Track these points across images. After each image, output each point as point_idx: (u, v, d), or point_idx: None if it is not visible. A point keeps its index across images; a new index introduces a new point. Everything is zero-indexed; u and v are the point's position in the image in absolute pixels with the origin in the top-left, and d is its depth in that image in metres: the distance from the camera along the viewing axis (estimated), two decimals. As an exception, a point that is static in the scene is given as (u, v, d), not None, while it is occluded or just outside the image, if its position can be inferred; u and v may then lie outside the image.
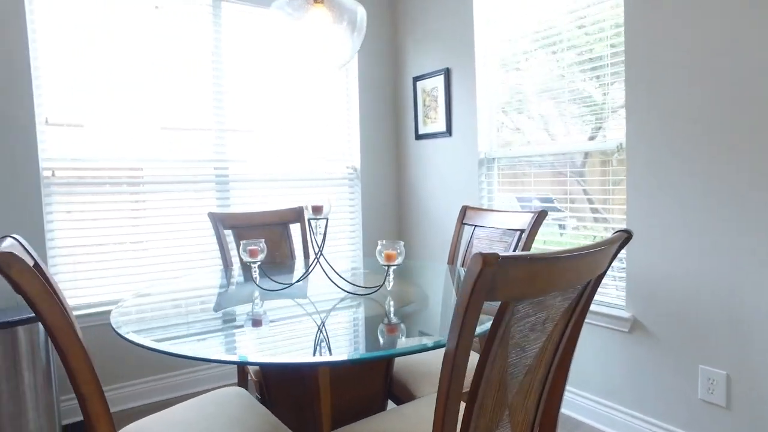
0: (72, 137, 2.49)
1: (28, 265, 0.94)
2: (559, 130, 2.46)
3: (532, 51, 2.53)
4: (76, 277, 2.50)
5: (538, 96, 2.52)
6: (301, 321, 1.36)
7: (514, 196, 2.73)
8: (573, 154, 2.40)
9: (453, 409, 0.90)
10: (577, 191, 2.42)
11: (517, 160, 2.67)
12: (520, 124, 2.65)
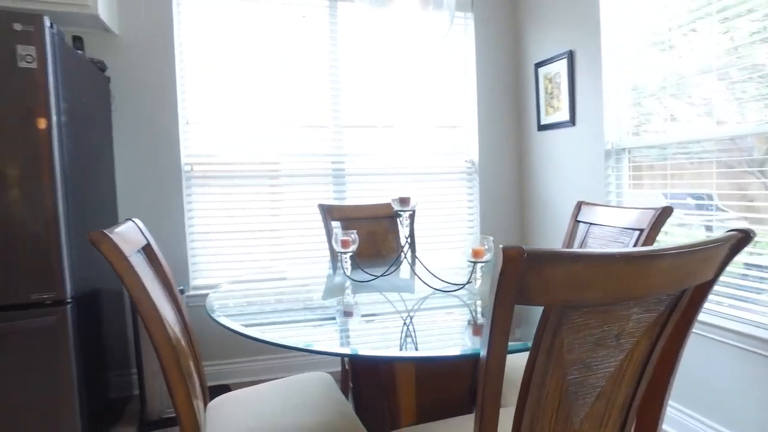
0: (207, 136, 2.80)
1: (116, 244, 1.07)
2: (728, 114, 2.05)
3: (688, 24, 2.15)
4: (209, 259, 2.81)
5: (700, 76, 2.13)
6: (385, 314, 1.35)
7: (659, 192, 2.38)
8: (745, 139, 1.98)
9: (490, 422, 0.81)
10: (753, 187, 2.02)
11: (657, 150, 2.32)
12: (671, 109, 2.29)
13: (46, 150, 1.83)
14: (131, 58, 2.63)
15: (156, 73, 2.66)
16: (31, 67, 1.77)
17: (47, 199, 1.84)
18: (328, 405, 1.44)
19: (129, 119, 2.64)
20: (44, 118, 1.82)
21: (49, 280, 1.86)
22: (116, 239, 1.09)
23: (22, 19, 1.76)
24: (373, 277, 1.77)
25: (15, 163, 1.81)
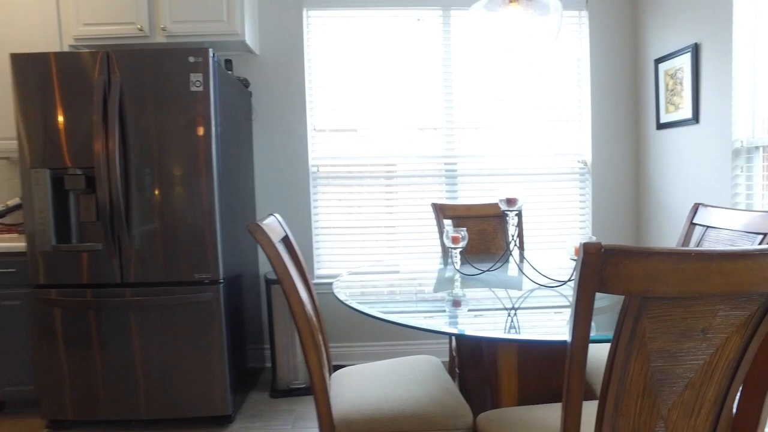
0: (334, 139, 3.11)
1: (267, 233, 1.34)
2: None
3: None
4: (334, 252, 3.13)
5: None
6: (491, 304, 1.49)
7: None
8: None
9: (575, 403, 0.92)
10: None
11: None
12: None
13: (208, 154, 2.23)
14: (269, 75, 3.03)
15: (289, 87, 3.03)
16: (198, 90, 2.18)
17: (208, 194, 2.24)
18: (436, 383, 1.61)
19: (266, 127, 3.04)
20: (207, 129, 2.22)
21: (207, 263, 2.26)
22: (266, 230, 1.36)
23: (194, 53, 2.16)
24: (481, 271, 1.91)
25: (184, 165, 2.23)
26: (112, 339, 2.31)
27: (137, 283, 2.28)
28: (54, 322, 2.32)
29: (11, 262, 2.46)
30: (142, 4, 2.65)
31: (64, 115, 2.25)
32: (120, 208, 2.21)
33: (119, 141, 2.20)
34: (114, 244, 2.25)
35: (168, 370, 2.33)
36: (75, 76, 2.24)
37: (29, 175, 2.26)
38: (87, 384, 2.34)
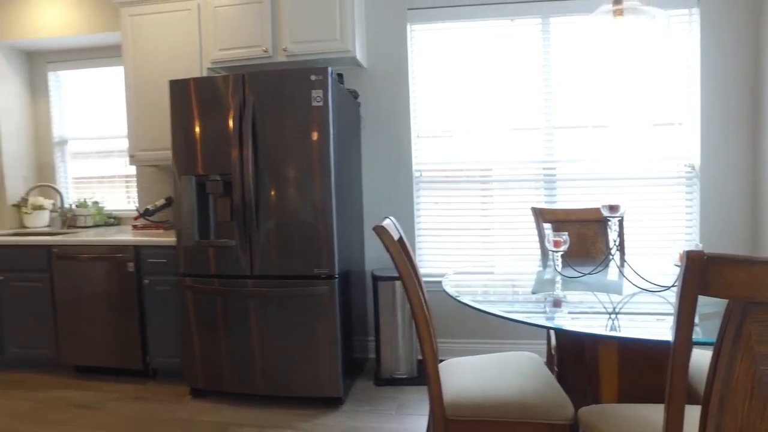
0: (435, 145, 3.29)
1: (391, 235, 1.54)
2: None
3: None
4: (434, 252, 3.31)
5: None
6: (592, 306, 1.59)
7: None
8: None
9: (677, 404, 1.01)
10: None
11: None
12: None
13: (327, 161, 2.50)
14: (375, 86, 3.27)
15: (394, 96, 3.25)
16: (319, 105, 2.45)
17: (326, 196, 2.51)
18: (538, 377, 1.72)
19: (373, 135, 3.29)
20: (325, 138, 2.49)
21: (324, 259, 2.53)
22: (389, 231, 1.56)
23: (315, 72, 2.44)
24: (582, 274, 1.99)
25: (306, 170, 2.52)
26: (240, 323, 2.66)
27: (264, 275, 2.61)
28: (195, 306, 2.72)
29: (163, 254, 2.91)
30: (267, 29, 3.00)
31: (207, 130, 2.63)
32: (252, 209, 2.55)
33: (252, 151, 2.54)
34: (245, 241, 2.60)
35: (286, 354, 2.63)
36: (216, 96, 2.61)
37: (180, 181, 2.67)
38: (217, 360, 2.71)
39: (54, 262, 3.11)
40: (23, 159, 4.08)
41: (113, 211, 3.96)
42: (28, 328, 3.23)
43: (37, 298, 3.19)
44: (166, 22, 3.18)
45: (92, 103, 4.03)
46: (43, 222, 3.90)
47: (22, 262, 3.19)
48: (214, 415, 2.63)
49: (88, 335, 3.11)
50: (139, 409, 2.72)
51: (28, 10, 3.84)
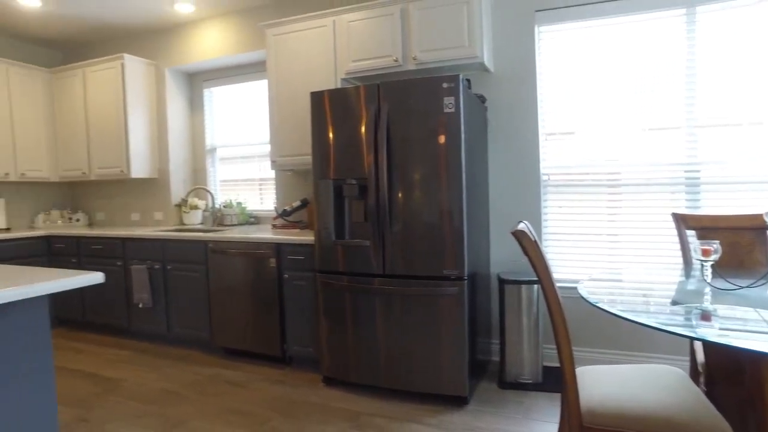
0: (563, 148, 3.21)
1: (531, 239, 1.56)
2: None
3: None
4: (560, 257, 3.23)
5: None
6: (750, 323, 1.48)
7: None
8: None
9: None
10: None
11: None
12: None
13: (458, 166, 2.57)
14: (502, 90, 3.27)
15: (520, 100, 3.23)
16: (451, 111, 2.53)
17: (457, 200, 2.58)
18: (685, 393, 1.64)
19: (499, 139, 3.30)
20: (456, 144, 2.56)
21: (454, 261, 2.60)
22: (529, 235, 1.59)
23: (447, 80, 2.53)
24: (738, 287, 1.84)
25: (437, 175, 2.61)
26: (369, 319, 2.83)
27: (394, 274, 2.75)
28: (331, 300, 2.94)
29: (301, 252, 3.19)
30: (397, 39, 3.15)
31: (343, 137, 2.84)
32: (385, 211, 2.70)
33: (386, 156, 2.69)
34: (378, 241, 2.76)
35: (410, 350, 2.74)
36: (352, 105, 2.80)
37: (318, 185, 2.91)
38: (346, 352, 2.91)
39: (209, 255, 3.55)
40: (184, 165, 4.68)
41: (253, 211, 4.39)
42: (188, 311, 3.72)
43: (195, 286, 3.66)
44: (304, 39, 3.47)
45: (236, 113, 4.51)
46: (197, 220, 4.44)
47: (184, 254, 3.68)
48: (346, 402, 2.83)
49: (236, 322, 3.49)
50: (279, 391, 3.01)
51: (190, 40, 4.41)
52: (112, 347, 3.97)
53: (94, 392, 3.08)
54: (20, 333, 1.77)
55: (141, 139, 4.45)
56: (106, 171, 4.49)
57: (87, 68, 4.53)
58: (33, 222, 4.91)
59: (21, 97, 4.53)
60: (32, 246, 4.32)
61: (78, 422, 2.68)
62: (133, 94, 4.37)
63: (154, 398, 2.96)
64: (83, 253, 4.25)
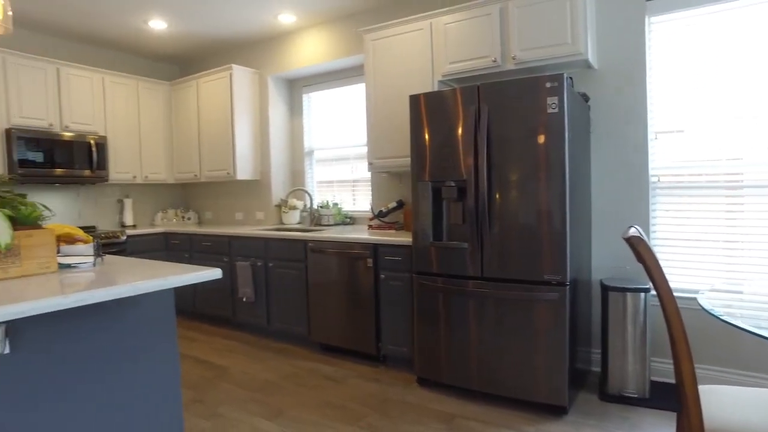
0: (674, 148, 2.99)
1: (647, 246, 1.48)
2: None
3: None
4: (670, 264, 3.01)
5: None
6: None
7: None
8: None
9: None
10: None
11: None
12: None
13: (561, 168, 2.49)
14: (607, 87, 3.11)
15: (627, 95, 3.06)
16: (554, 111, 2.46)
17: (560, 203, 2.50)
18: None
19: (603, 139, 3.14)
20: (560, 145, 2.48)
21: (556, 265, 2.52)
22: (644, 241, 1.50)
23: (551, 80, 2.46)
24: None
25: (539, 177, 2.54)
26: (465, 321, 2.81)
27: (493, 278, 2.72)
28: (427, 302, 2.97)
29: (398, 252, 3.24)
30: (495, 39, 3.10)
31: (441, 139, 2.85)
32: (485, 214, 2.68)
33: (486, 158, 2.67)
34: (477, 244, 2.74)
35: (505, 355, 2.69)
36: (451, 107, 2.81)
37: (416, 186, 2.95)
38: (442, 353, 2.91)
39: (309, 254, 3.72)
40: (283, 167, 4.94)
41: (349, 211, 4.53)
42: (287, 307, 3.92)
43: (295, 284, 3.85)
44: (401, 42, 3.53)
45: (332, 117, 4.68)
46: (296, 219, 4.67)
47: (285, 252, 3.89)
48: (440, 404, 2.83)
49: (332, 318, 3.63)
50: (374, 389, 3.08)
51: (291, 48, 4.65)
52: (220, 337, 4.29)
53: (206, 377, 3.35)
54: (153, 320, 1.97)
55: (245, 144, 4.76)
56: (214, 173, 4.86)
57: (200, 79, 4.93)
58: (153, 220, 5.43)
59: (146, 109, 5.02)
60: (153, 241, 4.78)
61: (194, 403, 2.93)
62: (239, 101, 4.69)
63: (258, 387, 3.16)
64: (194, 249, 4.62)
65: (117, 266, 2.05)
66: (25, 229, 1.83)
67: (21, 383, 1.59)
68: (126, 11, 4.08)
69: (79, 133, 4.43)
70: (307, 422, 2.66)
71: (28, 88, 4.16)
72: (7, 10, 1.82)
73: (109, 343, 1.82)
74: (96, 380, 1.79)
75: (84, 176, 4.44)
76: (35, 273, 1.84)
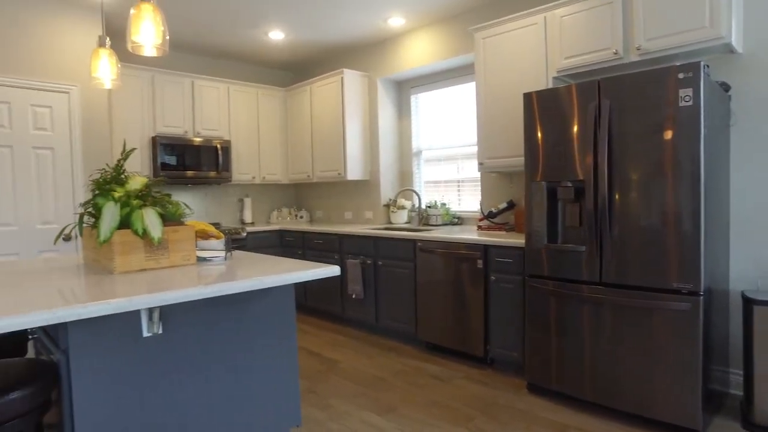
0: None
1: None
2: None
3: None
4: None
5: None
6: None
7: None
8: None
9: None
10: None
11: None
12: None
13: (695, 167, 2.27)
14: (753, 74, 2.77)
15: (778, 85, 2.70)
16: (687, 104, 2.24)
17: (692, 204, 2.28)
18: None
19: (746, 132, 2.80)
20: (695, 141, 2.26)
21: (687, 273, 2.30)
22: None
23: (684, 69, 2.24)
24: None
25: (669, 177, 2.34)
26: (580, 328, 2.66)
27: (612, 283, 2.54)
28: (539, 306, 2.86)
29: (509, 254, 3.16)
30: (617, 29, 2.90)
31: (557, 137, 2.73)
32: (605, 216, 2.52)
33: (606, 156, 2.50)
34: (596, 247, 2.58)
35: (626, 367, 2.50)
36: (567, 104, 2.67)
37: (530, 187, 2.85)
38: (556, 360, 2.77)
39: (418, 253, 3.75)
40: (392, 167, 5.04)
41: (457, 211, 4.50)
42: (395, 305, 3.99)
43: (403, 282, 3.91)
44: (513, 39, 3.43)
45: (440, 117, 4.67)
46: (403, 219, 4.73)
47: (394, 251, 3.96)
48: (552, 413, 2.71)
49: (440, 318, 3.63)
50: (481, 391, 3.03)
51: (399, 51, 4.73)
52: (330, 331, 4.48)
53: (318, 369, 3.51)
54: (276, 312, 2.12)
55: (355, 145, 4.92)
56: (326, 174, 5.09)
57: (313, 84, 5.19)
58: (269, 218, 5.82)
59: (265, 114, 5.40)
60: (269, 238, 5.12)
61: (308, 393, 3.09)
62: (350, 104, 4.86)
63: (367, 382, 3.25)
64: (307, 246, 4.87)
65: (244, 261, 2.23)
66: (172, 225, 2.05)
67: (169, 359, 1.78)
68: (250, 26, 4.41)
69: (207, 138, 4.87)
70: (415, 420, 2.69)
71: (170, 100, 4.67)
72: (165, 34, 2.05)
73: (237, 331, 1.98)
74: (226, 363, 1.96)
75: (210, 177, 4.87)
76: (179, 264, 2.06)
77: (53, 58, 3.80)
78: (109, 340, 1.63)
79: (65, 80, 3.85)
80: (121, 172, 2.10)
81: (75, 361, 1.56)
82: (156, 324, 1.69)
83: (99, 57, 2.72)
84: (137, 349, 1.69)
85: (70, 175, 3.89)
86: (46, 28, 3.77)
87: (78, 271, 2.05)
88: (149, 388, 1.72)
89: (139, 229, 1.90)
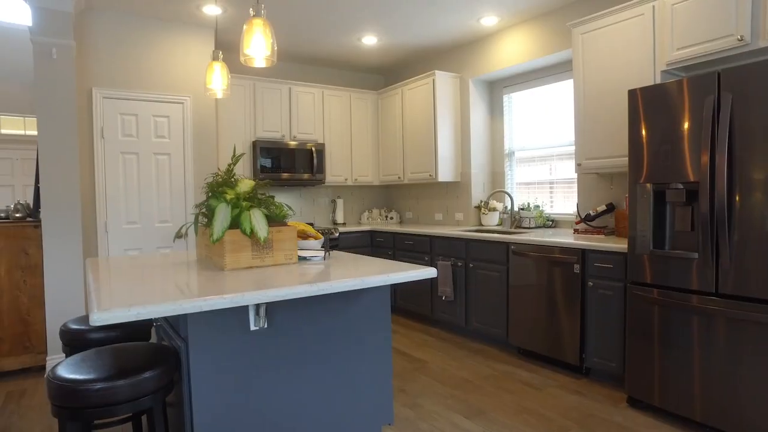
0: None
1: None
2: None
3: None
4: None
5: None
6: None
7: None
8: None
9: None
10: None
11: None
12: None
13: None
14: None
15: None
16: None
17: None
18: None
19: None
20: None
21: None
22: None
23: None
24: None
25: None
26: (689, 341, 2.45)
27: (729, 294, 2.32)
28: (642, 315, 2.68)
29: (609, 259, 2.99)
30: (744, 12, 2.63)
31: (667, 136, 2.54)
32: (723, 221, 2.31)
33: (726, 156, 2.29)
34: (710, 255, 2.37)
35: (745, 386, 2.26)
36: (680, 100, 2.48)
37: (634, 189, 2.68)
38: (655, 372, 2.58)
39: (510, 256, 3.67)
40: (483, 168, 4.97)
41: (550, 214, 4.34)
42: (486, 308, 3.94)
43: (495, 285, 3.84)
44: (616, 32, 3.24)
45: (533, 117, 4.52)
46: (495, 221, 4.65)
47: (485, 253, 3.90)
48: (654, 430, 2.53)
49: (532, 323, 3.52)
50: (576, 402, 2.90)
51: (491, 50, 4.65)
52: (419, 332, 4.51)
53: (407, 368, 3.56)
54: (372, 311, 2.17)
55: (447, 146, 4.91)
56: (417, 175, 5.12)
57: (405, 87, 5.25)
58: (360, 219, 5.97)
59: (357, 117, 5.55)
60: (360, 238, 5.25)
61: (397, 392, 3.14)
62: (441, 105, 4.86)
63: (456, 384, 3.24)
64: (397, 246, 4.94)
65: (342, 261, 2.32)
66: (276, 226, 2.19)
67: (273, 353, 1.90)
68: (344, 32, 4.56)
69: (302, 141, 5.10)
70: (506, 426, 2.64)
71: (269, 106, 4.96)
72: (274, 46, 2.19)
73: (336, 328, 2.07)
74: (324, 359, 2.05)
75: (304, 179, 5.10)
76: (282, 263, 2.18)
77: (171, 71, 4.19)
78: (221, 331, 1.77)
79: (181, 91, 4.23)
80: (232, 175, 2.27)
81: (193, 348, 1.72)
82: (262, 319, 1.81)
83: (213, 70, 2.96)
84: (244, 341, 1.82)
85: (182, 177, 4.26)
86: (165, 46, 4.16)
87: (192, 266, 2.25)
88: (254, 377, 1.85)
89: (247, 229, 2.04)
